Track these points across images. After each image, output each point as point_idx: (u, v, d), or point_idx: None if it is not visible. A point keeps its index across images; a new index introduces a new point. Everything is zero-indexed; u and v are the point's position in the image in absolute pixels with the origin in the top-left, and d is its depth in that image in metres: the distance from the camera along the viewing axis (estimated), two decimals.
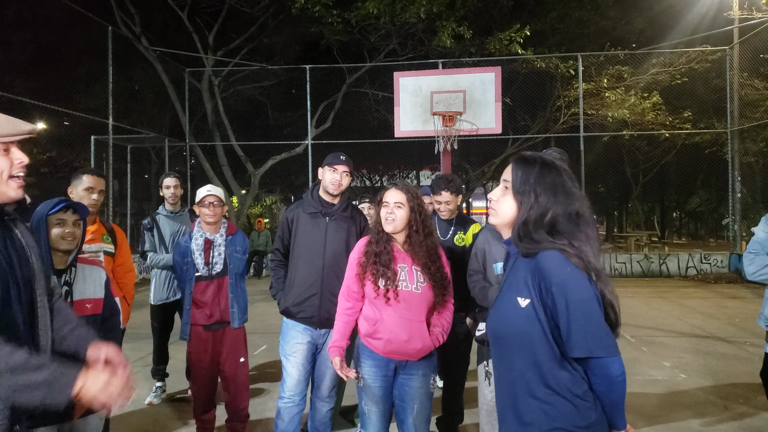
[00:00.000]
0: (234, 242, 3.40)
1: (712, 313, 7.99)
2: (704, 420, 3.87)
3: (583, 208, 1.52)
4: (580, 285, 1.42)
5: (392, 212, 2.44)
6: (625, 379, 1.45)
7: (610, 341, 1.42)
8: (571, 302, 1.40)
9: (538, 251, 1.47)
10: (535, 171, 1.53)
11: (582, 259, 1.44)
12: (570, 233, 1.48)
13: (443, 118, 8.99)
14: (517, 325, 1.49)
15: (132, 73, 15.86)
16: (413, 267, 2.44)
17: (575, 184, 1.55)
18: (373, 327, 2.45)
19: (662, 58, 14.13)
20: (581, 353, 1.40)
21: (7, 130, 1.45)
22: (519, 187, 1.53)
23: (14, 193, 1.47)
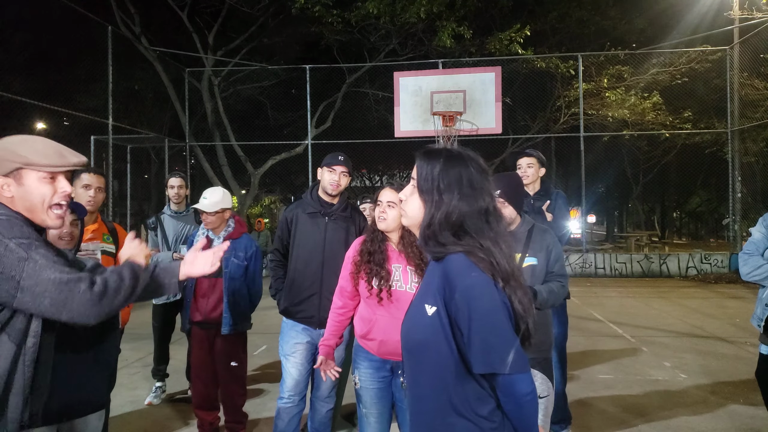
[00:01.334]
0: (233, 247, 3.34)
1: (713, 314, 7.99)
2: (704, 420, 3.86)
3: (492, 203, 1.38)
4: (485, 292, 1.28)
5: (384, 211, 2.43)
6: (536, 398, 1.33)
7: (516, 356, 1.26)
8: (473, 311, 1.26)
9: (446, 255, 1.34)
10: (439, 165, 1.38)
11: (490, 263, 1.31)
12: (479, 232, 1.34)
13: (443, 118, 8.99)
14: (423, 334, 1.35)
15: (132, 73, 15.87)
16: (407, 267, 2.43)
17: (486, 176, 1.40)
18: (367, 327, 2.44)
19: (662, 58, 14.13)
20: (482, 369, 1.27)
21: (54, 161, 1.52)
22: (422, 185, 1.39)
23: (52, 223, 1.55)
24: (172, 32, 15.81)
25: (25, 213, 1.51)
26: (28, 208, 1.51)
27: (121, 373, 4.89)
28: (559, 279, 2.58)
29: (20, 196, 1.49)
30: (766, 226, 2.77)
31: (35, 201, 1.50)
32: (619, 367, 5.21)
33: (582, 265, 13.10)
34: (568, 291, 2.79)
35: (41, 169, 1.50)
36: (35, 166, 1.49)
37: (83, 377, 2.18)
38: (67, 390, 2.07)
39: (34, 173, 1.50)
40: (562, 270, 2.61)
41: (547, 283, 2.56)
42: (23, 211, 1.51)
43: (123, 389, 4.49)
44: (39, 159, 1.50)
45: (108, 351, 2.40)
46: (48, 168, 1.51)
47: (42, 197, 1.50)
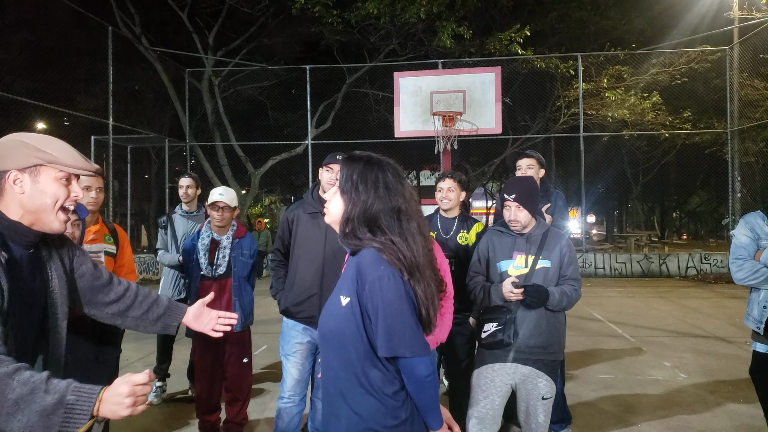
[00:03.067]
0: (241, 245, 3.41)
1: (712, 313, 7.99)
2: (704, 420, 3.87)
3: (405, 204, 1.53)
4: (390, 284, 1.42)
5: None
6: (436, 379, 1.46)
7: (416, 341, 1.42)
8: (380, 301, 1.41)
9: (360, 249, 1.50)
10: (358, 169, 1.55)
11: (398, 258, 1.45)
12: (391, 228, 1.49)
13: (443, 118, 8.99)
14: (337, 322, 1.50)
15: (132, 73, 15.87)
16: None
17: (401, 180, 1.57)
18: None
19: (662, 58, 14.13)
20: (385, 352, 1.41)
21: (80, 163, 1.48)
22: (343, 185, 1.56)
23: (58, 226, 1.47)
24: (172, 32, 15.82)
25: (29, 215, 1.42)
26: (36, 208, 1.42)
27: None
28: (571, 283, 2.59)
29: (32, 194, 1.41)
30: (751, 228, 2.77)
31: (48, 201, 1.42)
32: (619, 367, 5.21)
33: (582, 265, 13.10)
34: None
35: (65, 169, 1.44)
36: (60, 165, 1.43)
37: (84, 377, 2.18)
38: None
39: (53, 172, 1.43)
40: (575, 274, 2.62)
41: (560, 286, 2.57)
42: (28, 212, 1.42)
43: None
44: (66, 158, 1.44)
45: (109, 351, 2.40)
46: (71, 168, 1.45)
47: (55, 198, 1.43)
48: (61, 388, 1.27)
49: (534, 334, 2.53)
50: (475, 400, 2.62)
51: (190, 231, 4.41)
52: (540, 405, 2.53)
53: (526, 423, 2.58)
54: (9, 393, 1.21)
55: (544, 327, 2.55)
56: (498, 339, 2.49)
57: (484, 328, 2.57)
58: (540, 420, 2.54)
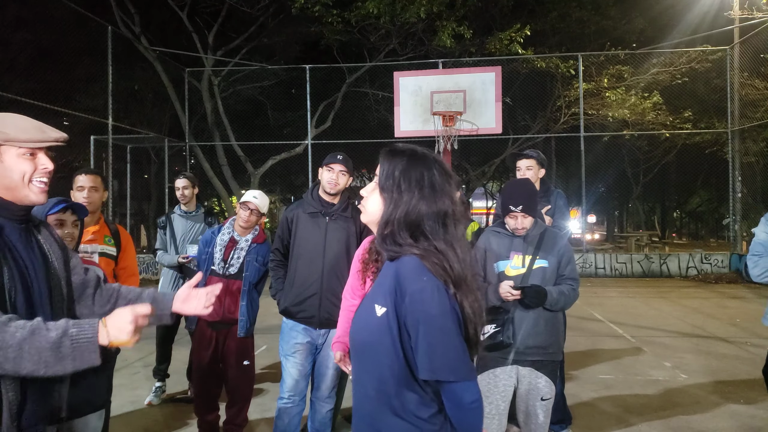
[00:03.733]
0: (257, 251, 3.38)
1: (713, 314, 7.98)
2: (704, 420, 3.86)
3: (453, 207, 1.36)
4: (434, 297, 1.26)
5: None
6: (481, 406, 1.30)
7: (461, 364, 1.25)
8: (422, 315, 1.25)
9: (400, 255, 1.33)
10: (401, 164, 1.37)
11: (443, 267, 1.29)
12: (435, 234, 1.33)
13: (443, 118, 8.99)
14: (370, 334, 1.34)
15: (132, 73, 15.86)
16: None
17: (448, 178, 1.39)
18: None
19: (662, 58, 14.13)
20: (426, 375, 1.26)
21: (34, 136, 1.49)
22: (383, 183, 1.38)
23: (36, 197, 1.51)
24: (172, 32, 15.81)
25: (4, 192, 1.47)
26: (7, 186, 1.47)
27: (122, 373, 4.89)
28: (570, 282, 2.59)
29: (1, 174, 1.46)
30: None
31: (15, 178, 1.46)
32: (619, 367, 5.21)
33: (582, 265, 13.10)
34: None
35: (22, 145, 1.47)
36: (15, 142, 1.46)
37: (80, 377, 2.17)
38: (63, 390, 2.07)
39: (14, 149, 1.46)
40: (573, 273, 2.62)
41: (558, 285, 2.57)
42: (4, 189, 1.47)
43: (124, 389, 4.49)
44: (19, 134, 1.47)
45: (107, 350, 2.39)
46: (28, 144, 1.47)
47: (22, 173, 1.47)
48: (61, 324, 1.34)
49: (532, 335, 2.52)
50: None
51: (189, 231, 4.41)
52: (539, 405, 2.52)
53: (525, 423, 2.58)
54: (9, 338, 1.26)
55: (542, 327, 2.54)
56: (497, 340, 2.47)
57: (483, 330, 2.55)
58: (540, 420, 2.53)
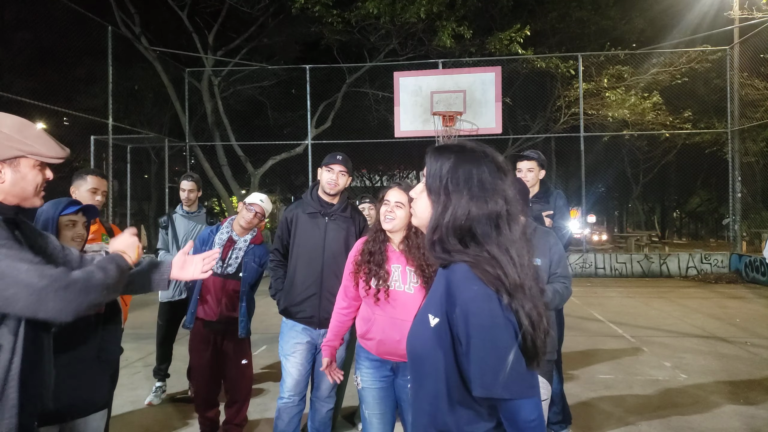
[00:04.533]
0: (255, 252, 3.41)
1: (713, 313, 7.99)
2: (704, 420, 3.86)
3: (507, 206, 1.26)
4: (485, 308, 1.17)
5: (392, 211, 2.41)
6: (542, 423, 1.19)
7: (517, 380, 1.15)
8: (472, 328, 1.16)
9: (451, 263, 1.25)
10: (448, 163, 1.27)
11: (496, 276, 1.19)
12: (487, 238, 1.23)
13: (443, 118, 8.99)
14: (423, 346, 1.27)
15: (132, 73, 15.87)
16: (407, 267, 2.42)
17: (501, 174, 1.28)
18: (366, 327, 2.45)
19: (662, 58, 14.13)
20: (479, 392, 1.16)
21: (58, 153, 1.57)
22: (430, 183, 1.30)
23: (39, 203, 1.61)
24: (172, 32, 15.82)
25: (14, 198, 1.51)
26: (17, 194, 1.51)
27: (122, 373, 4.88)
28: (562, 280, 2.59)
29: (14, 183, 1.49)
30: None
31: (30, 188, 1.52)
32: (619, 367, 5.21)
33: (582, 265, 13.10)
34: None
35: (46, 160, 1.53)
36: (40, 156, 1.51)
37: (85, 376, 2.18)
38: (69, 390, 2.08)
39: (30, 161, 1.51)
40: (565, 271, 2.62)
41: (551, 284, 2.56)
42: (12, 196, 1.50)
43: (124, 389, 4.49)
44: (45, 149, 1.52)
45: (111, 350, 2.41)
46: (52, 159, 1.54)
47: (36, 185, 1.53)
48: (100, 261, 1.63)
49: None
50: None
51: (191, 231, 4.42)
52: None
53: None
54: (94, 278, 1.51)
55: None
56: None
57: None
58: None
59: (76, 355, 2.15)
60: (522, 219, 1.90)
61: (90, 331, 2.25)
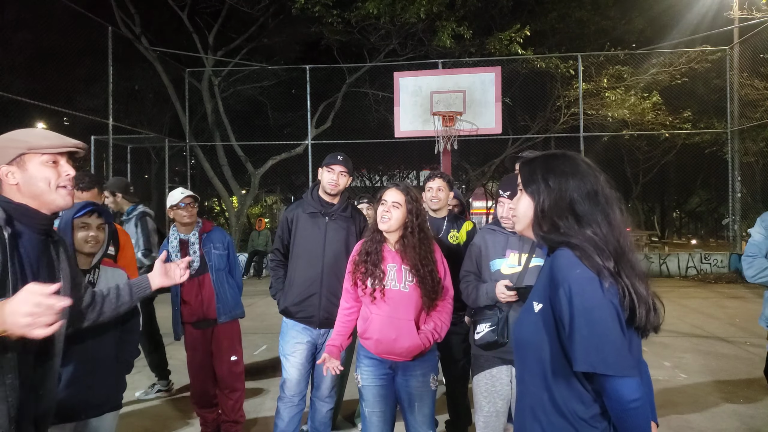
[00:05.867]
0: (211, 239, 3.44)
1: (713, 313, 7.99)
2: (704, 419, 3.86)
3: (602, 186, 1.37)
4: (587, 289, 1.24)
5: (389, 211, 2.44)
6: (644, 405, 1.23)
7: (619, 357, 1.20)
8: (575, 308, 1.24)
9: (556, 247, 1.34)
10: (540, 162, 1.44)
11: (598, 258, 1.27)
12: (590, 215, 1.33)
13: (443, 118, 8.99)
14: (529, 331, 1.36)
15: (132, 73, 15.87)
16: (402, 266, 2.44)
17: (591, 166, 1.43)
18: (364, 326, 2.47)
19: (662, 58, 14.13)
20: (583, 367, 1.22)
21: (54, 142, 1.55)
22: (528, 182, 1.43)
23: (63, 201, 1.57)
24: (172, 32, 15.82)
25: (32, 200, 1.52)
26: (34, 194, 1.52)
27: None
28: None
29: (25, 182, 1.51)
30: (766, 227, 2.78)
31: (41, 185, 1.52)
32: None
33: None
34: None
35: (44, 152, 1.52)
36: (37, 149, 1.51)
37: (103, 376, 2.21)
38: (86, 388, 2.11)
39: (37, 158, 1.52)
40: None
41: None
42: (29, 198, 1.51)
43: None
44: (40, 142, 1.53)
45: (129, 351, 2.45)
46: (50, 149, 1.53)
47: (47, 180, 1.52)
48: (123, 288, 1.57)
49: None
50: (479, 406, 2.60)
51: None
52: None
53: None
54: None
55: None
56: (492, 340, 2.45)
57: (477, 329, 2.52)
58: None
59: (95, 355, 2.18)
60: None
61: (109, 331, 2.28)
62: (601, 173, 1.42)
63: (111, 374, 2.28)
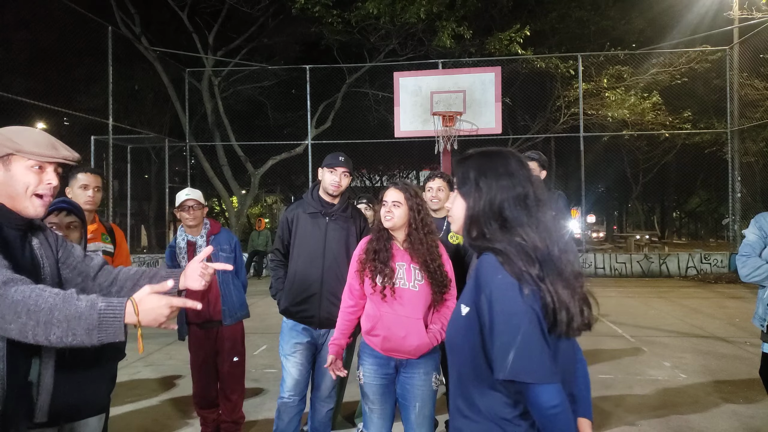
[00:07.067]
0: (218, 241, 3.43)
1: (712, 313, 7.99)
2: (704, 419, 3.86)
3: (533, 189, 1.35)
4: (508, 295, 1.23)
5: (390, 211, 2.47)
6: (564, 411, 1.21)
7: (537, 365, 1.19)
8: (496, 315, 1.23)
9: (485, 250, 1.32)
10: (474, 162, 1.41)
11: (519, 264, 1.25)
12: (517, 219, 1.31)
13: (443, 118, 8.99)
14: (457, 334, 1.36)
15: (132, 73, 15.89)
16: (411, 265, 2.46)
17: (524, 167, 1.39)
18: (371, 323, 2.48)
19: (662, 58, 14.14)
20: (501, 375, 1.21)
21: (44, 151, 1.53)
22: (461, 186, 1.40)
23: (33, 211, 1.54)
24: (172, 32, 15.83)
25: (7, 200, 1.51)
26: (10, 195, 1.51)
27: (122, 373, 4.89)
28: None
29: (4, 182, 1.50)
30: (759, 227, 2.80)
31: (18, 188, 1.51)
32: (619, 367, 5.21)
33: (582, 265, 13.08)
34: None
35: (31, 157, 1.51)
36: (25, 154, 1.50)
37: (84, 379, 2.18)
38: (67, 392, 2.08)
39: (23, 161, 1.51)
40: None
41: None
42: (5, 197, 1.51)
43: (123, 389, 4.49)
44: (30, 147, 1.51)
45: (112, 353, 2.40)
46: (37, 157, 1.51)
47: (26, 185, 1.51)
48: (91, 297, 1.37)
49: None
50: None
51: None
52: None
53: None
54: (42, 302, 1.31)
55: None
56: None
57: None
58: None
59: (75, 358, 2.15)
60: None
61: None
62: (532, 173, 1.40)
63: (93, 377, 2.24)
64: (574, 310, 1.27)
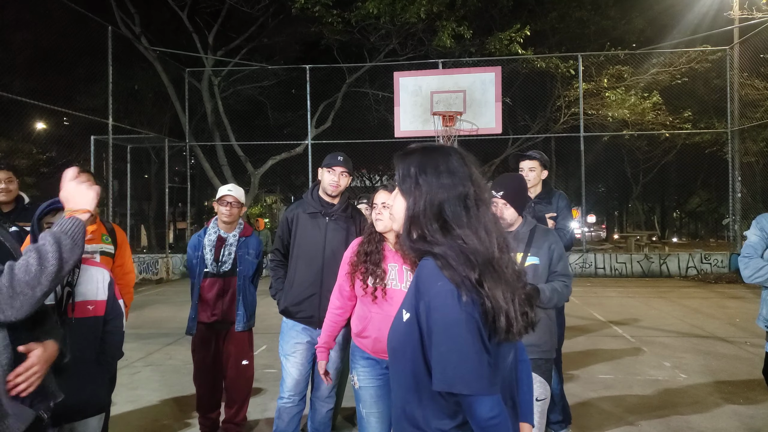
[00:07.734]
0: (247, 244, 3.43)
1: (713, 313, 7.99)
2: (704, 420, 3.86)
3: (474, 188, 1.29)
4: (447, 303, 1.18)
5: (380, 213, 2.45)
6: (503, 422, 1.19)
7: (475, 376, 1.16)
8: (434, 324, 1.19)
9: (424, 255, 1.27)
10: (415, 158, 1.33)
11: (460, 269, 1.20)
12: (458, 220, 1.25)
13: (443, 118, 8.99)
14: (397, 340, 1.31)
15: (132, 73, 15.88)
16: (403, 266, 2.44)
17: (465, 163, 1.33)
18: (362, 325, 2.47)
19: (662, 58, 14.14)
20: (439, 386, 1.18)
21: None
22: (402, 184, 1.33)
23: None
24: (172, 32, 15.83)
25: None
26: None
27: (122, 373, 4.89)
28: (562, 279, 2.58)
29: None
30: (761, 228, 2.79)
31: None
32: (619, 367, 5.21)
33: (582, 265, 13.10)
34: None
35: None
36: None
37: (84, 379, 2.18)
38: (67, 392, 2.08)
39: None
40: (565, 270, 2.61)
41: (550, 282, 2.56)
42: None
43: (123, 389, 4.49)
44: None
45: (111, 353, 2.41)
46: None
47: None
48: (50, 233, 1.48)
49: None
50: None
51: None
52: (534, 406, 2.52)
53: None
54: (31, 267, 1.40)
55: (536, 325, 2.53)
56: None
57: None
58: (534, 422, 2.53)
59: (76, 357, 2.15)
60: (508, 215, 1.89)
61: (91, 333, 2.25)
62: (474, 172, 1.33)
63: (93, 377, 2.24)
64: (513, 315, 1.22)
